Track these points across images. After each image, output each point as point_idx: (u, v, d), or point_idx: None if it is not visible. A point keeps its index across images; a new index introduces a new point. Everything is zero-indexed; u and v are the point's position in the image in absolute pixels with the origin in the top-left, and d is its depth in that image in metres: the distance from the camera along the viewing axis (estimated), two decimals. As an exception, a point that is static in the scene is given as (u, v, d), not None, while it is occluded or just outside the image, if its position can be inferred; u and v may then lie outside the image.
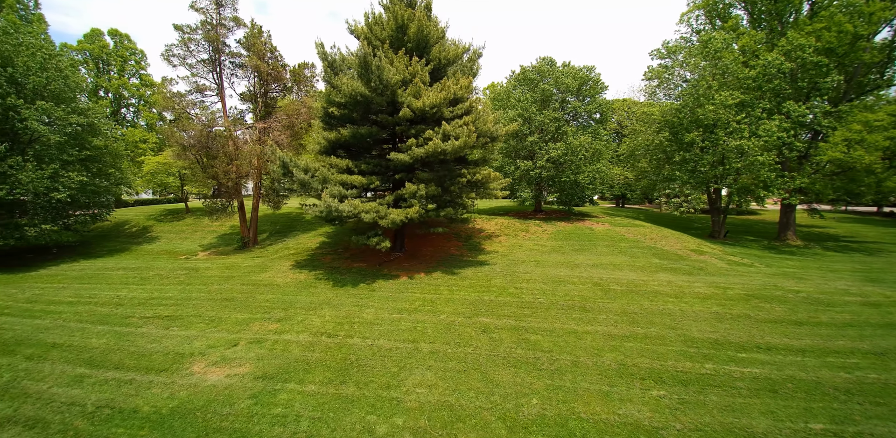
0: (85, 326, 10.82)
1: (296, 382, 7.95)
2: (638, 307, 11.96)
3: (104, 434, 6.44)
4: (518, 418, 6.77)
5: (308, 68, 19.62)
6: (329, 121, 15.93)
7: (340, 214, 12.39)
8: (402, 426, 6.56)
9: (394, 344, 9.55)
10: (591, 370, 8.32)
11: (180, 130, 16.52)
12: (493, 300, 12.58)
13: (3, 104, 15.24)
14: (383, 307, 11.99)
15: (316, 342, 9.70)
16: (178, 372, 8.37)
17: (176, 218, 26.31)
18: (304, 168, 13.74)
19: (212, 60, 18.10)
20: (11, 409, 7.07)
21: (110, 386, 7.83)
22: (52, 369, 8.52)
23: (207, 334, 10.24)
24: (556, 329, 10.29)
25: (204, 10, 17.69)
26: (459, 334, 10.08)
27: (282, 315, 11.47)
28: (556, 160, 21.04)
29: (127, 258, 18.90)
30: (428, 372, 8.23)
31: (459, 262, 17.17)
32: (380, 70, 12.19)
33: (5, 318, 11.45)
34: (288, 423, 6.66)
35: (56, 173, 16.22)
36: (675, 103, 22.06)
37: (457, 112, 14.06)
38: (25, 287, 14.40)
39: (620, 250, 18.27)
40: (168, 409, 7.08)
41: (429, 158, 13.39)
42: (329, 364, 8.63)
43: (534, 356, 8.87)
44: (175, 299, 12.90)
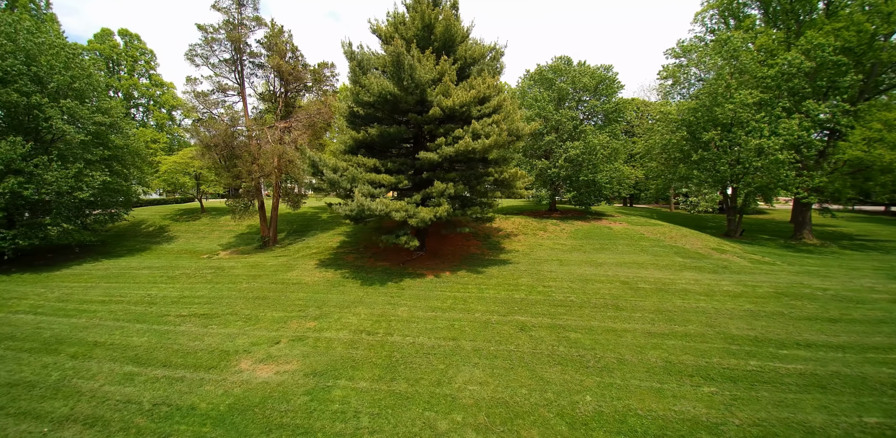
0: (122, 324, 10.86)
1: (346, 379, 7.98)
2: (671, 305, 11.99)
3: (166, 431, 6.47)
4: (575, 414, 6.80)
5: (328, 68, 19.66)
6: (353, 120, 15.97)
7: (373, 212, 12.42)
8: (461, 422, 6.59)
9: (435, 342, 9.58)
10: (638, 368, 8.35)
11: (205, 129, 16.55)
12: (523, 298, 12.61)
13: (28, 103, 15.25)
14: (416, 306, 12.03)
15: (357, 340, 9.73)
16: (227, 369, 8.40)
17: (192, 218, 26.34)
18: (332, 167, 13.77)
19: (234, 60, 18.13)
20: (67, 408, 7.10)
21: (162, 384, 7.85)
22: (100, 367, 8.55)
23: (248, 331, 10.28)
24: (594, 327, 10.32)
25: (226, 9, 17.72)
26: (498, 332, 10.11)
27: (317, 313, 11.51)
28: (574, 159, 21.07)
29: (149, 258, 18.93)
30: (475, 370, 8.26)
31: (482, 261, 17.20)
32: (412, 69, 12.23)
33: (41, 317, 11.48)
34: (348, 419, 6.69)
35: (80, 173, 16.25)
36: (691, 102, 22.07)
37: (484, 111, 14.09)
38: (53, 286, 14.44)
39: (642, 248, 18.30)
40: (225, 406, 7.11)
41: (458, 157, 13.43)
42: (375, 362, 8.66)
43: (578, 354, 8.89)
44: (207, 297, 12.93)
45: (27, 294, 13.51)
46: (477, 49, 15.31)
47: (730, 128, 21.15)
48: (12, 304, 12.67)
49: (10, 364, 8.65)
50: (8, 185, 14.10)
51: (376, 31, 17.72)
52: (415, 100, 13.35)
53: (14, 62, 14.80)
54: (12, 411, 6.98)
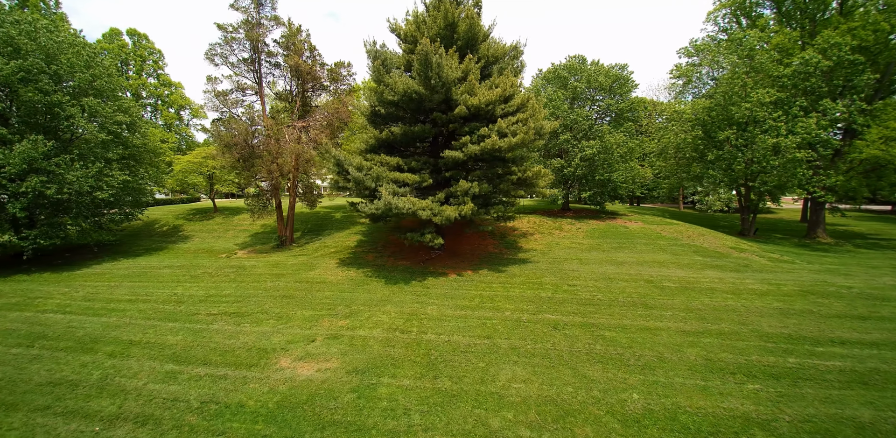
0: (154, 323, 10.85)
1: (389, 376, 7.98)
2: (699, 303, 12.00)
3: (219, 428, 6.47)
4: (625, 412, 6.80)
5: (344, 67, 19.64)
6: (374, 119, 15.98)
7: (400, 210, 12.42)
8: (513, 420, 6.59)
9: (470, 340, 9.58)
10: (679, 366, 8.36)
11: (225, 128, 16.54)
12: (550, 297, 12.61)
13: (50, 101, 15.23)
14: (445, 304, 12.03)
15: (392, 338, 9.74)
16: (268, 367, 8.41)
17: (205, 217, 26.32)
18: (356, 166, 13.77)
19: (252, 60, 18.12)
20: (115, 406, 7.09)
21: (206, 382, 7.85)
22: (140, 365, 8.54)
23: (281, 330, 10.28)
24: (627, 326, 10.33)
25: (244, 9, 17.71)
26: (531, 330, 10.11)
27: (346, 312, 11.51)
28: (590, 159, 21.08)
29: (167, 257, 18.92)
30: (517, 368, 8.27)
31: (501, 260, 17.20)
32: (440, 67, 12.23)
33: (71, 316, 11.47)
34: (398, 416, 6.69)
35: (100, 172, 16.24)
36: (706, 101, 22.08)
37: (507, 109, 14.10)
38: (77, 286, 14.43)
39: (660, 247, 18.31)
40: (274, 403, 7.12)
41: (483, 156, 13.43)
42: (414, 360, 8.66)
43: (616, 353, 8.90)
44: (234, 296, 12.92)
45: (52, 294, 13.50)
46: (499, 48, 15.32)
47: (745, 127, 21.18)
48: (38, 303, 12.66)
49: (49, 364, 8.65)
50: (31, 184, 14.09)
51: (395, 30, 17.74)
52: (440, 99, 13.35)
53: (35, 61, 14.78)
54: (59, 410, 6.98)
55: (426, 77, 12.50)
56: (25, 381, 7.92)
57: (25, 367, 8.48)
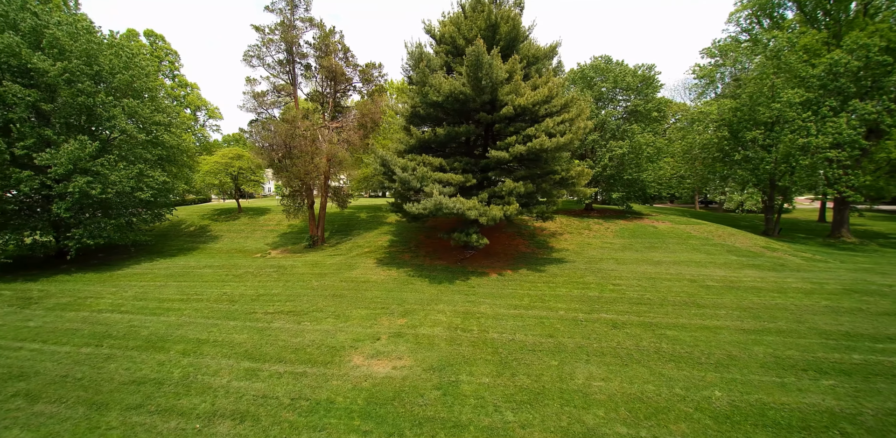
0: (215, 322, 10.95)
1: (466, 374, 8.08)
2: (749, 302, 12.10)
3: (318, 424, 6.57)
4: (713, 409, 6.89)
5: (376, 68, 19.74)
6: (413, 120, 16.08)
7: (450, 210, 12.52)
8: (606, 417, 6.69)
9: (534, 339, 9.67)
10: (750, 363, 8.46)
11: (265, 129, 16.64)
12: (598, 296, 12.71)
13: (93, 102, 15.32)
14: (496, 304, 12.13)
15: (456, 337, 9.83)
16: (343, 365, 8.50)
17: (230, 218, 26.41)
18: (401, 167, 13.88)
19: (287, 61, 18.23)
20: (208, 404, 7.18)
21: (287, 379, 7.95)
22: (217, 363, 8.64)
23: (343, 328, 10.37)
24: (686, 325, 10.42)
25: (280, 10, 17.82)
26: (592, 329, 10.21)
27: (401, 311, 11.61)
28: (619, 158, 21.19)
29: (203, 257, 19.01)
30: (590, 366, 8.36)
31: (537, 259, 17.31)
32: (490, 68, 12.34)
33: (129, 315, 11.57)
34: (490, 413, 6.79)
35: (141, 173, 16.34)
36: (732, 102, 22.17)
37: (551, 109, 14.20)
38: (123, 285, 14.52)
39: (693, 247, 18.41)
40: (362, 400, 7.21)
41: (528, 156, 13.54)
42: (486, 358, 8.75)
43: (685, 351, 8.99)
44: (284, 295, 13.02)
45: (101, 293, 13.59)
46: (539, 49, 15.44)
47: (772, 127, 21.29)
48: (90, 303, 12.75)
49: (125, 363, 8.75)
50: (78, 184, 14.19)
51: (429, 32, 17.85)
52: (486, 99, 13.45)
53: (78, 63, 14.88)
54: (152, 408, 7.07)
55: (476, 78, 12.60)
56: (108, 380, 8.01)
57: (102, 366, 8.58)
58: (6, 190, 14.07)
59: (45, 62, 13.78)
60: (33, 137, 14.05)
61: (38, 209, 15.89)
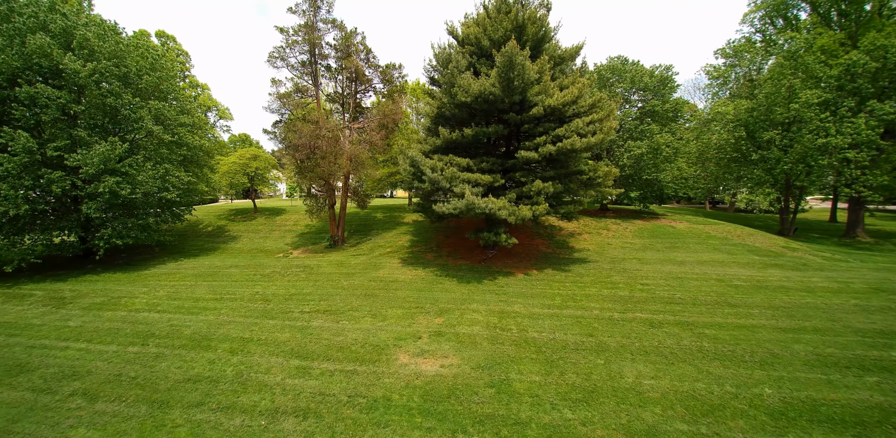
0: (255, 321, 11.05)
1: (515, 372, 8.18)
2: (779, 301, 12.22)
3: (381, 420, 6.67)
4: (767, 406, 7.00)
5: (395, 69, 19.84)
6: (438, 121, 16.17)
7: (482, 210, 12.62)
8: (663, 414, 6.79)
9: (575, 338, 9.77)
10: (794, 361, 8.56)
11: (291, 130, 16.74)
12: (629, 296, 12.81)
13: (121, 103, 15.41)
14: (529, 303, 12.23)
15: (497, 336, 9.93)
16: (390, 363, 8.60)
17: (246, 218, 26.51)
18: (431, 167, 13.98)
19: (310, 62, 18.33)
20: (268, 401, 7.28)
21: (340, 377, 8.05)
22: (267, 361, 8.74)
23: (382, 327, 10.47)
24: (723, 324, 10.53)
25: (303, 12, 17.92)
26: (630, 329, 10.31)
27: (436, 310, 11.71)
28: (637, 159, 21.30)
29: (226, 257, 19.11)
30: (637, 365, 8.46)
31: (559, 259, 17.41)
32: (523, 69, 12.44)
33: (167, 315, 11.67)
34: (548, 410, 6.89)
35: (167, 173, 16.44)
36: (748, 102, 22.28)
37: (578, 110, 14.31)
38: (154, 285, 14.62)
39: (714, 247, 18.51)
40: (418, 397, 7.31)
41: (559, 156, 13.65)
42: (531, 357, 8.85)
43: (727, 350, 9.10)
44: (317, 294, 13.12)
45: (134, 293, 13.69)
46: (566, 50, 15.54)
47: (788, 127, 21.41)
48: (125, 303, 12.85)
49: (176, 361, 8.84)
50: (108, 184, 14.28)
51: (452, 33, 17.96)
52: (516, 100, 13.55)
53: (107, 64, 14.97)
54: (214, 406, 7.16)
55: (507, 78, 12.70)
56: (163, 379, 8.11)
57: (154, 365, 8.68)
58: (37, 190, 14.16)
59: (76, 63, 13.88)
60: (65, 138, 14.15)
61: (66, 210, 15.99)
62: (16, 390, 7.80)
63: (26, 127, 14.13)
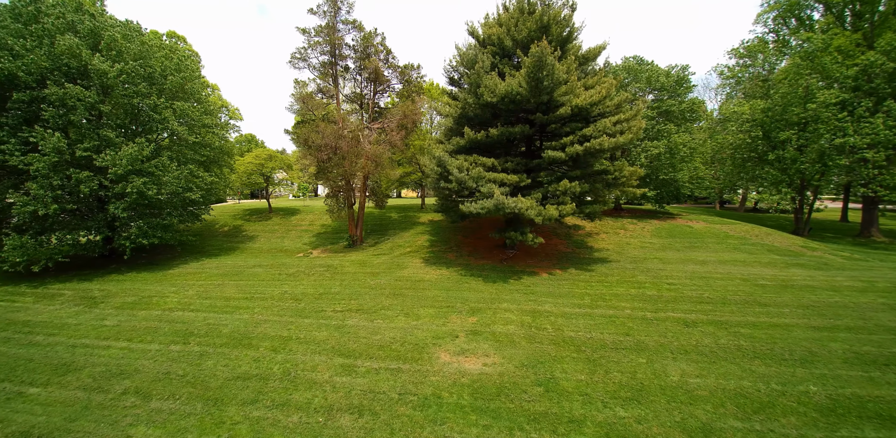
0: (290, 320, 11.14)
1: (560, 371, 8.25)
2: (808, 300, 12.28)
3: (437, 418, 6.74)
4: (815, 403, 7.08)
5: (414, 70, 19.91)
6: (461, 121, 16.24)
7: (511, 210, 12.70)
8: (714, 412, 6.86)
9: (612, 337, 9.84)
10: (833, 359, 8.65)
11: (313, 130, 16.80)
12: (657, 295, 12.88)
13: (147, 104, 15.50)
14: (559, 303, 12.30)
15: (534, 335, 10.01)
16: (433, 362, 8.68)
17: (262, 218, 26.59)
18: (457, 167, 14.06)
19: (331, 63, 18.40)
20: (320, 398, 7.37)
21: (386, 375, 8.13)
22: (312, 359, 8.82)
23: (417, 326, 10.55)
24: (756, 323, 10.60)
25: (324, 13, 17.99)
26: (665, 328, 10.38)
27: (467, 309, 11.79)
28: (655, 158, 21.37)
29: (247, 256, 19.19)
30: (680, 364, 8.53)
31: (580, 259, 17.48)
32: (552, 69, 12.51)
33: (201, 314, 11.75)
34: (601, 408, 6.97)
35: (191, 173, 16.53)
36: (763, 102, 22.34)
37: (604, 109, 14.38)
38: (181, 285, 14.70)
39: (733, 247, 18.58)
40: (468, 395, 7.40)
41: (585, 156, 13.72)
42: (572, 356, 8.93)
43: (766, 348, 9.17)
44: (345, 294, 13.20)
45: (163, 292, 13.78)
46: (590, 49, 15.61)
47: (804, 127, 21.46)
48: (157, 302, 12.94)
49: (221, 359, 8.93)
50: (136, 184, 14.36)
51: (472, 34, 18.03)
52: (544, 100, 13.62)
53: (134, 65, 15.05)
54: (268, 403, 7.25)
55: (536, 79, 12.77)
56: (211, 377, 8.19)
57: (200, 363, 8.76)
58: (65, 190, 14.24)
59: (104, 64, 13.95)
60: (93, 138, 14.23)
61: (92, 210, 16.07)
62: (66, 389, 7.88)
63: (54, 127, 14.21)
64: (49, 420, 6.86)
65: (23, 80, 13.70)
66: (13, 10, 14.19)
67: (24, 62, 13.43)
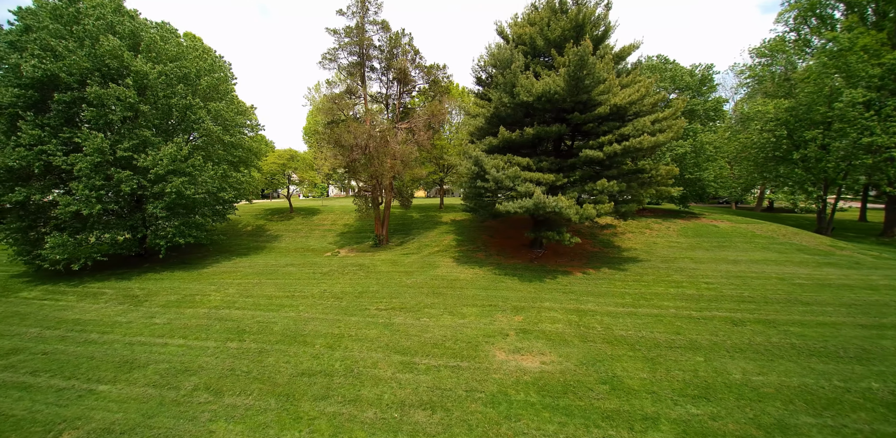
0: (336, 317, 11.24)
1: (620, 370, 8.31)
2: (848, 299, 12.30)
3: (510, 414, 6.83)
4: (880, 399, 7.15)
5: (440, 70, 19.98)
6: (493, 120, 16.31)
7: (552, 209, 12.76)
8: (784, 408, 6.92)
9: (664, 336, 9.89)
10: (888, 356, 8.71)
11: (345, 130, 16.91)
12: (697, 294, 12.92)
13: (184, 104, 15.63)
14: (600, 302, 12.35)
15: (585, 334, 10.07)
16: (490, 359, 8.77)
17: (284, 217, 26.75)
18: (494, 166, 14.13)
19: (359, 63, 18.51)
20: (389, 394, 7.47)
21: (447, 372, 8.22)
22: (370, 356, 8.92)
23: (465, 324, 10.64)
24: (803, 321, 10.63)
25: (353, 14, 18.10)
26: (714, 327, 10.41)
27: (510, 308, 11.87)
28: (680, 158, 21.39)
29: (277, 255, 19.33)
30: (739, 362, 8.58)
31: (609, 259, 17.52)
32: (593, 68, 12.57)
33: (252, 312, 11.87)
34: (673, 406, 7.03)
35: (225, 173, 16.67)
36: (787, 101, 22.30)
37: (641, 108, 14.42)
38: (220, 283, 14.84)
39: (762, 246, 18.57)
40: (535, 392, 7.48)
41: (623, 155, 13.77)
42: (628, 354, 8.99)
43: (819, 346, 9.21)
44: (384, 292, 13.30)
45: (204, 291, 13.91)
46: (623, 48, 15.66)
47: (829, 126, 21.43)
48: (200, 300, 13.07)
49: (281, 356, 9.04)
50: (175, 184, 14.50)
51: (501, 33, 18.11)
52: (583, 99, 13.66)
53: (172, 66, 15.20)
54: (340, 399, 7.35)
55: (577, 78, 12.82)
56: (276, 373, 8.30)
57: (261, 360, 8.87)
58: (107, 190, 14.39)
59: (146, 65, 14.10)
60: (133, 138, 14.38)
61: (130, 209, 16.23)
62: (135, 386, 8.00)
63: (95, 128, 14.37)
64: (127, 417, 6.97)
65: (64, 80, 13.85)
66: (54, 11, 14.35)
67: (66, 63, 13.58)
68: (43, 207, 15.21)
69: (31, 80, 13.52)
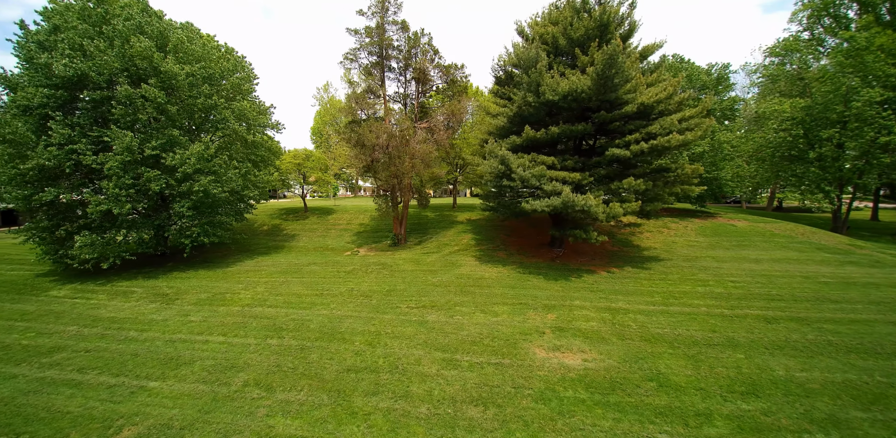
0: (369, 315, 11.33)
1: (664, 367, 8.38)
2: (875, 297, 12.37)
3: (564, 411, 6.90)
4: (925, 395, 7.17)
5: (458, 70, 20.06)
6: (515, 119, 16.38)
7: (581, 207, 12.84)
8: (833, 403, 7.00)
9: (700, 334, 9.95)
10: (928, 354, 8.73)
11: (367, 130, 16.99)
12: (726, 293, 12.98)
13: (208, 104, 15.73)
14: (630, 300, 12.42)
15: (621, 332, 10.14)
16: (531, 357, 8.84)
17: (299, 217, 26.85)
18: (519, 165, 14.20)
19: (378, 63, 18.60)
20: (438, 390, 7.55)
21: (490, 369, 8.29)
22: (412, 353, 9.00)
23: (499, 322, 10.73)
24: (836, 319, 10.70)
25: (373, 14, 18.19)
26: (748, 325, 10.49)
27: (541, 306, 11.94)
28: (698, 157, 21.43)
29: (297, 254, 19.43)
30: (779, 358, 8.65)
31: (630, 257, 17.59)
32: (622, 67, 12.64)
33: (285, 310, 11.96)
34: (723, 402, 7.10)
35: (248, 172, 16.78)
36: (803, 100, 22.34)
37: (667, 107, 14.49)
38: (246, 282, 14.94)
39: (782, 245, 18.61)
40: (583, 389, 7.56)
41: (650, 154, 13.84)
42: (669, 352, 9.06)
43: (856, 343, 9.29)
44: (412, 291, 13.39)
45: (233, 289, 14.02)
46: (646, 47, 15.74)
47: (844, 125, 21.47)
48: (231, 298, 13.17)
49: (324, 353, 9.13)
50: (202, 183, 14.61)
51: (521, 33, 18.18)
52: (607, 97, 13.74)
53: (199, 66, 15.29)
54: (389, 395, 7.43)
55: (606, 77, 12.89)
56: (323, 369, 8.39)
57: (305, 357, 8.96)
58: (136, 189, 14.48)
59: (175, 66, 14.20)
60: (160, 137, 14.48)
61: (157, 208, 16.35)
62: (185, 382, 8.09)
63: (123, 127, 14.47)
64: (183, 413, 7.06)
65: (94, 80, 13.96)
66: (82, 11, 14.45)
67: (96, 63, 13.69)
68: (70, 206, 15.33)
69: (62, 79, 13.63)
